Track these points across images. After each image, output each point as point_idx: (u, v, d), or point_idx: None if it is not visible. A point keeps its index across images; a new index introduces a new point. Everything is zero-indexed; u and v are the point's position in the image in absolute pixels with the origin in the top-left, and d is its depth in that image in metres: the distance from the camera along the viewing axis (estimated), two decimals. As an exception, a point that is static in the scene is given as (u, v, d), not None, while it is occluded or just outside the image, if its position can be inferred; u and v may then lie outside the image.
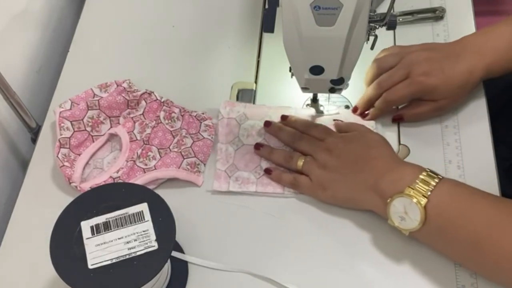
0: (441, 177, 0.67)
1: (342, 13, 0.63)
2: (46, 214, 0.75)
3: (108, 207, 0.63)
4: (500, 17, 1.37)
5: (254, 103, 0.85)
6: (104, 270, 0.60)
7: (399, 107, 0.81)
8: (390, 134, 0.81)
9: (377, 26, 0.69)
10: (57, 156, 0.77)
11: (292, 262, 0.71)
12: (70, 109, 0.80)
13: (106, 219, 0.63)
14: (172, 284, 0.69)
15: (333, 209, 0.74)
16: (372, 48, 0.75)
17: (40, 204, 0.76)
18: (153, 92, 0.82)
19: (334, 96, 0.83)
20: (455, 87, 0.77)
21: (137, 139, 0.79)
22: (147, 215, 0.63)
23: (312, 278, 0.70)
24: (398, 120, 0.81)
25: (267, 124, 0.80)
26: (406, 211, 0.66)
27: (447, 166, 0.77)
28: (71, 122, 0.79)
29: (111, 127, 0.81)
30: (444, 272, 0.70)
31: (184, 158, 0.77)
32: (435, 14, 0.91)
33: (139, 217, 0.63)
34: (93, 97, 0.82)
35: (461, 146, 0.79)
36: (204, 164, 0.79)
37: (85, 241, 0.62)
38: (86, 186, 0.75)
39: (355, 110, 0.82)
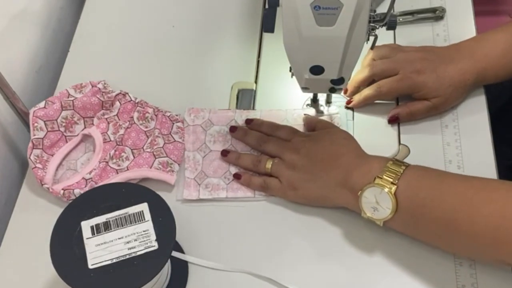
0: (407, 165, 0.68)
1: (342, 13, 0.63)
2: (46, 214, 0.75)
3: (108, 207, 0.64)
4: (500, 17, 1.38)
5: (254, 103, 0.85)
6: (104, 270, 0.60)
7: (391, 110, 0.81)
8: (390, 134, 0.81)
9: (377, 26, 0.69)
10: (29, 158, 0.77)
11: (292, 262, 0.71)
12: (45, 107, 0.80)
13: (106, 219, 0.63)
14: (172, 284, 0.69)
15: (333, 208, 0.74)
16: (372, 48, 0.75)
17: (40, 204, 0.76)
18: (127, 93, 0.82)
19: (334, 96, 0.83)
20: (446, 85, 0.77)
21: (110, 140, 0.79)
22: (147, 215, 0.63)
23: (312, 278, 0.70)
24: (394, 121, 0.81)
25: (233, 129, 0.80)
26: (377, 200, 0.67)
27: (447, 166, 0.77)
28: (44, 121, 0.79)
29: (85, 127, 0.81)
30: (444, 272, 0.70)
31: (156, 158, 0.77)
32: (435, 14, 0.91)
33: (139, 217, 0.63)
34: (68, 97, 0.82)
35: (461, 146, 0.79)
36: (178, 164, 0.78)
37: (85, 241, 0.62)
38: (58, 188, 0.75)
39: (345, 91, 0.83)
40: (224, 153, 0.78)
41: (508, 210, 0.61)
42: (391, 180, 0.66)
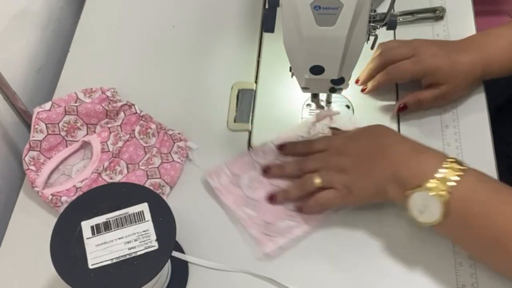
0: (465, 168, 0.64)
1: (342, 13, 0.63)
2: (47, 214, 0.75)
3: (108, 207, 0.64)
4: (500, 17, 1.38)
5: (254, 103, 0.85)
6: (104, 270, 0.60)
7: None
8: (390, 134, 0.81)
9: (377, 26, 0.69)
10: (24, 159, 0.76)
11: (292, 262, 0.71)
12: (50, 110, 0.80)
13: (107, 219, 0.63)
14: (172, 284, 0.69)
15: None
16: (372, 48, 0.75)
17: (40, 204, 0.76)
18: (133, 105, 0.81)
19: (334, 96, 0.83)
20: (458, 72, 0.77)
21: (108, 150, 0.78)
22: (147, 215, 0.63)
23: (312, 278, 0.70)
24: (402, 109, 0.80)
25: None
26: (426, 204, 0.64)
27: (447, 166, 0.77)
28: (46, 124, 0.78)
29: (87, 134, 0.81)
30: (444, 272, 0.70)
31: (148, 178, 0.76)
32: (435, 14, 0.91)
33: (139, 217, 0.63)
34: (76, 102, 0.81)
35: (461, 146, 0.79)
36: (171, 187, 0.77)
37: (85, 241, 0.62)
38: (47, 193, 0.75)
39: (357, 81, 0.83)
40: (266, 170, 0.76)
41: None
42: (445, 187, 0.63)
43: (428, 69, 0.78)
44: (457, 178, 0.63)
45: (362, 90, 0.83)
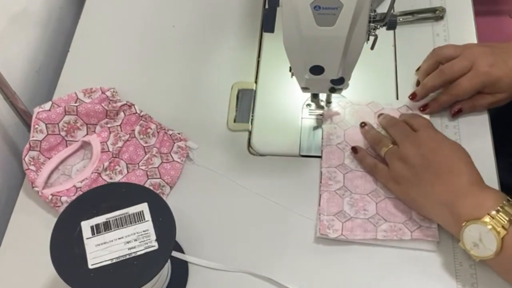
0: None
1: (342, 13, 0.63)
2: (47, 214, 0.75)
3: (108, 207, 0.64)
4: (500, 17, 1.37)
5: (254, 103, 0.85)
6: (104, 270, 0.60)
7: None
8: (390, 134, 0.81)
9: (377, 26, 0.69)
10: (24, 159, 0.76)
11: (292, 262, 0.71)
12: (49, 110, 0.80)
13: (106, 219, 0.63)
14: (172, 284, 0.69)
15: (333, 209, 0.74)
16: (372, 48, 0.74)
17: (40, 204, 0.76)
18: (133, 105, 0.81)
19: (334, 96, 0.83)
20: None
21: (108, 150, 0.78)
22: (147, 215, 0.63)
23: (312, 278, 0.70)
24: (457, 113, 0.80)
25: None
26: (481, 238, 0.63)
27: (447, 166, 0.77)
28: (46, 124, 0.78)
29: (87, 134, 0.81)
30: (444, 271, 0.70)
31: (148, 178, 0.76)
32: (435, 14, 0.91)
33: (139, 217, 0.63)
34: (75, 102, 0.81)
35: (461, 146, 0.79)
36: (170, 187, 0.77)
37: (85, 241, 0.62)
38: (48, 193, 0.75)
39: (413, 97, 0.80)
40: (355, 150, 0.77)
41: None
42: (503, 223, 0.62)
43: (488, 81, 0.77)
44: None
45: (423, 110, 0.80)
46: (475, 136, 0.80)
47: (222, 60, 0.90)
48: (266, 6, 0.66)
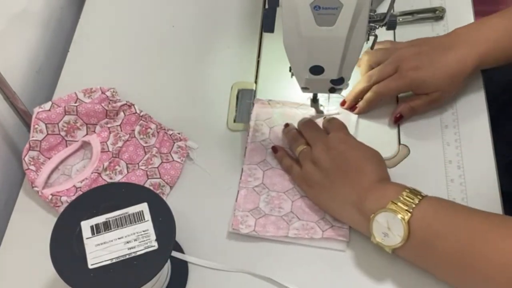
0: (424, 195, 0.66)
1: (342, 13, 0.63)
2: (46, 214, 0.75)
3: (108, 207, 0.64)
4: (500, 17, 1.37)
5: (254, 103, 0.84)
6: (104, 270, 0.60)
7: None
8: (390, 134, 0.81)
9: (377, 26, 0.69)
10: (24, 159, 0.76)
11: (292, 262, 0.71)
12: (49, 110, 0.80)
13: (106, 219, 0.63)
14: (172, 284, 0.69)
15: (333, 209, 0.74)
16: (372, 48, 0.75)
17: (40, 204, 0.76)
18: (133, 105, 0.81)
19: (333, 96, 0.83)
20: (445, 77, 0.77)
21: (108, 150, 0.78)
22: (147, 215, 0.63)
23: (312, 278, 0.70)
24: (398, 119, 0.80)
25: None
26: (389, 226, 0.65)
27: (447, 166, 0.77)
28: (46, 124, 0.78)
29: (87, 134, 0.81)
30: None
31: (148, 178, 0.76)
32: (435, 14, 0.91)
33: (139, 217, 0.63)
34: (75, 102, 0.81)
35: (461, 146, 0.79)
36: (170, 187, 0.77)
37: (85, 241, 0.62)
38: (48, 193, 0.75)
39: (343, 103, 0.82)
40: (275, 150, 0.78)
41: None
42: (406, 208, 0.64)
43: (412, 84, 0.78)
44: (417, 201, 0.65)
45: (352, 110, 0.82)
46: (475, 136, 0.80)
47: (222, 60, 0.90)
48: (266, 6, 0.66)
